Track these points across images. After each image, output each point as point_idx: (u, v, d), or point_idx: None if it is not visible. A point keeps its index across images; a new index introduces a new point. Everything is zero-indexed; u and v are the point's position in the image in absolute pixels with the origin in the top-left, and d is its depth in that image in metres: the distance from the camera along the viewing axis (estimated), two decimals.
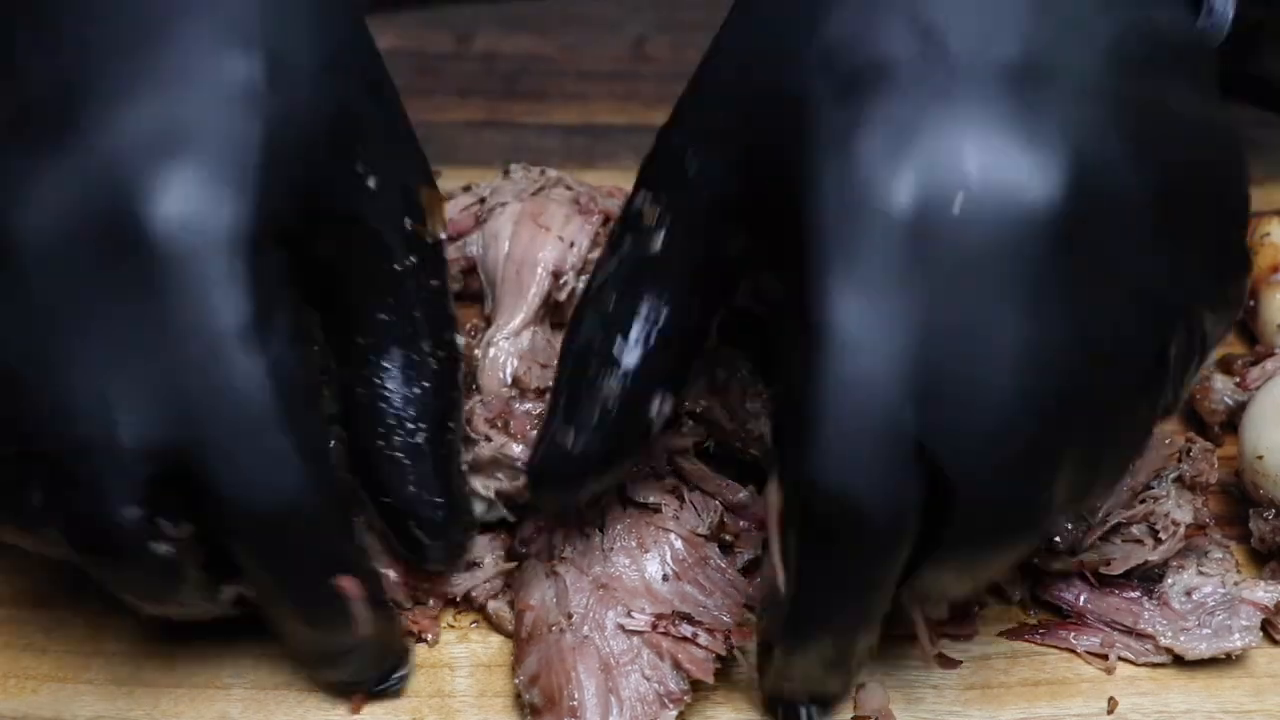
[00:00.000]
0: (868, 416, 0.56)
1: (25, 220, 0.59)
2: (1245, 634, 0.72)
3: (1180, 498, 0.74)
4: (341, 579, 0.64)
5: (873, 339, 0.56)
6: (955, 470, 0.56)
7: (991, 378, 0.56)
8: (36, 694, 0.72)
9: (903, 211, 0.56)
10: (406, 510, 0.70)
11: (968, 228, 0.55)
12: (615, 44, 1.11)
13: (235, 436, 0.59)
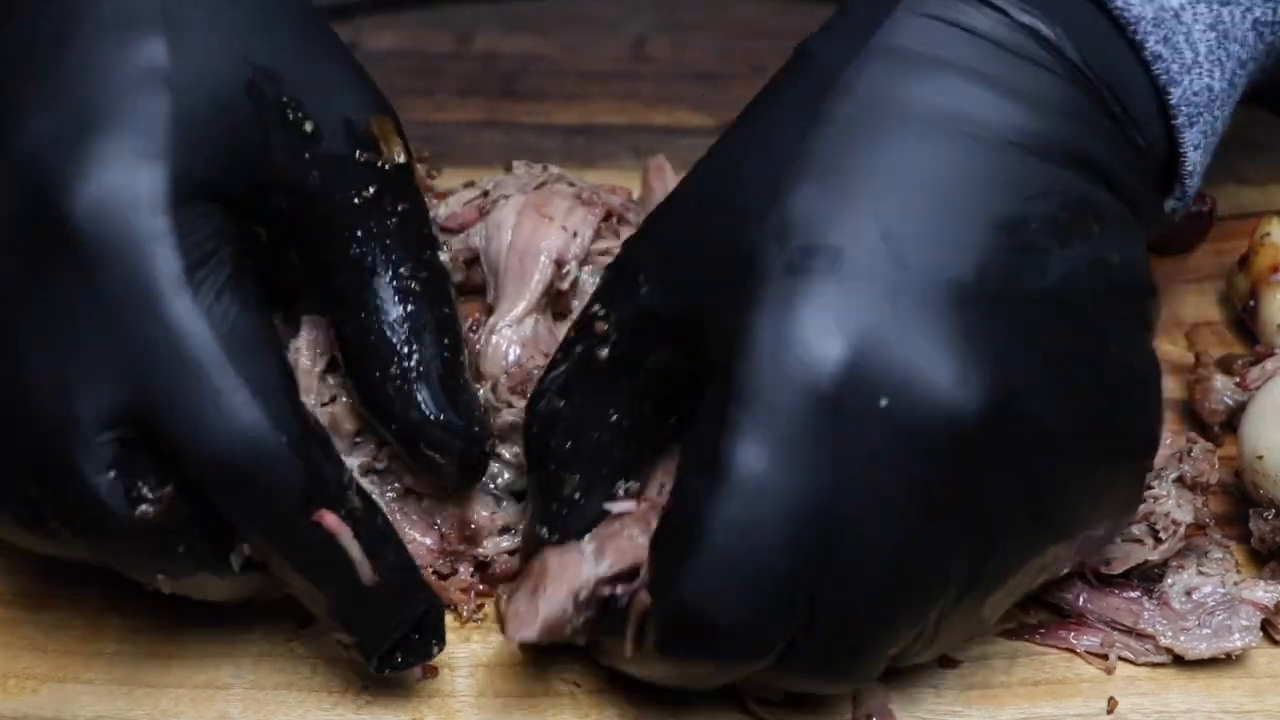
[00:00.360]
0: (749, 556, 0.59)
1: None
2: (1245, 634, 0.72)
3: (1180, 498, 0.74)
4: (322, 514, 0.64)
5: (774, 489, 0.58)
6: (816, 624, 0.60)
7: (864, 569, 0.59)
8: (36, 694, 0.72)
9: (829, 386, 0.58)
10: (416, 434, 0.70)
11: (885, 423, 0.58)
12: (615, 44, 1.11)
13: (182, 387, 0.61)
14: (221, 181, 0.65)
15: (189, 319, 0.62)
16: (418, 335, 0.70)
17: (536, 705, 0.72)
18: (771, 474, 0.58)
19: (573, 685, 0.72)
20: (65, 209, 0.62)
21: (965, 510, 0.60)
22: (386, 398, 0.70)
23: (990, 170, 0.61)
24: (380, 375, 0.70)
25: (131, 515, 0.63)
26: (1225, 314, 0.91)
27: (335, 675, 0.73)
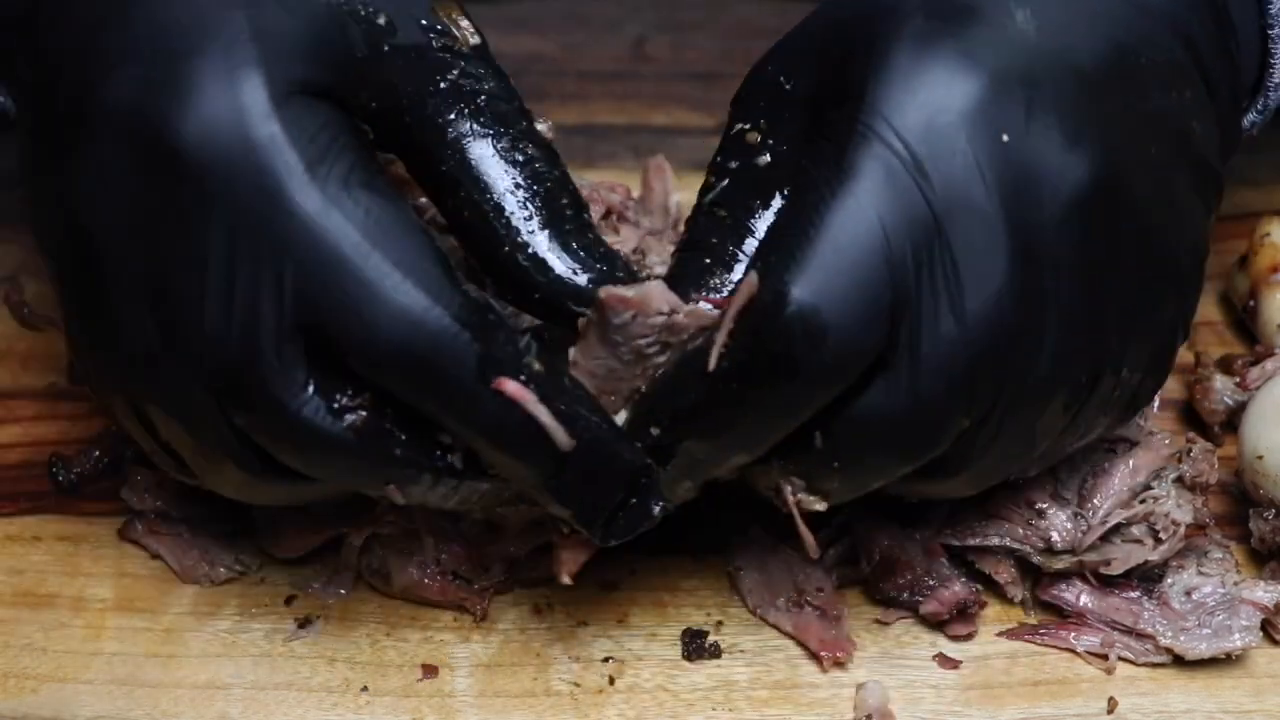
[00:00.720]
0: (861, 258, 0.61)
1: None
2: (1245, 634, 0.72)
3: (1180, 498, 0.74)
4: (501, 382, 0.62)
5: (890, 200, 0.61)
6: (912, 341, 0.62)
7: (961, 295, 0.62)
8: (36, 694, 0.72)
9: (955, 115, 0.62)
10: (561, 295, 0.67)
11: (1000, 159, 0.62)
12: (615, 44, 1.11)
13: (334, 285, 0.61)
14: (316, 79, 0.65)
15: (324, 216, 0.61)
16: (537, 200, 0.68)
17: (536, 705, 0.72)
18: (891, 185, 0.61)
19: (573, 685, 0.72)
20: (177, 145, 0.62)
21: (1067, 268, 0.63)
22: (522, 270, 0.67)
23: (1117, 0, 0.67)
24: (510, 248, 0.67)
25: (341, 427, 0.63)
26: (1225, 314, 0.91)
27: (335, 675, 0.73)
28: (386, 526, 0.74)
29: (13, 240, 0.95)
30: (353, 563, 0.75)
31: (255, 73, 0.63)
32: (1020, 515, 0.74)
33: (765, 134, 0.69)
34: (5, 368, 0.88)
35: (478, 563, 0.75)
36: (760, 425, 0.64)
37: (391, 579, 0.75)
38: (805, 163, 0.65)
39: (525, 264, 0.67)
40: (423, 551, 0.74)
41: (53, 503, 0.80)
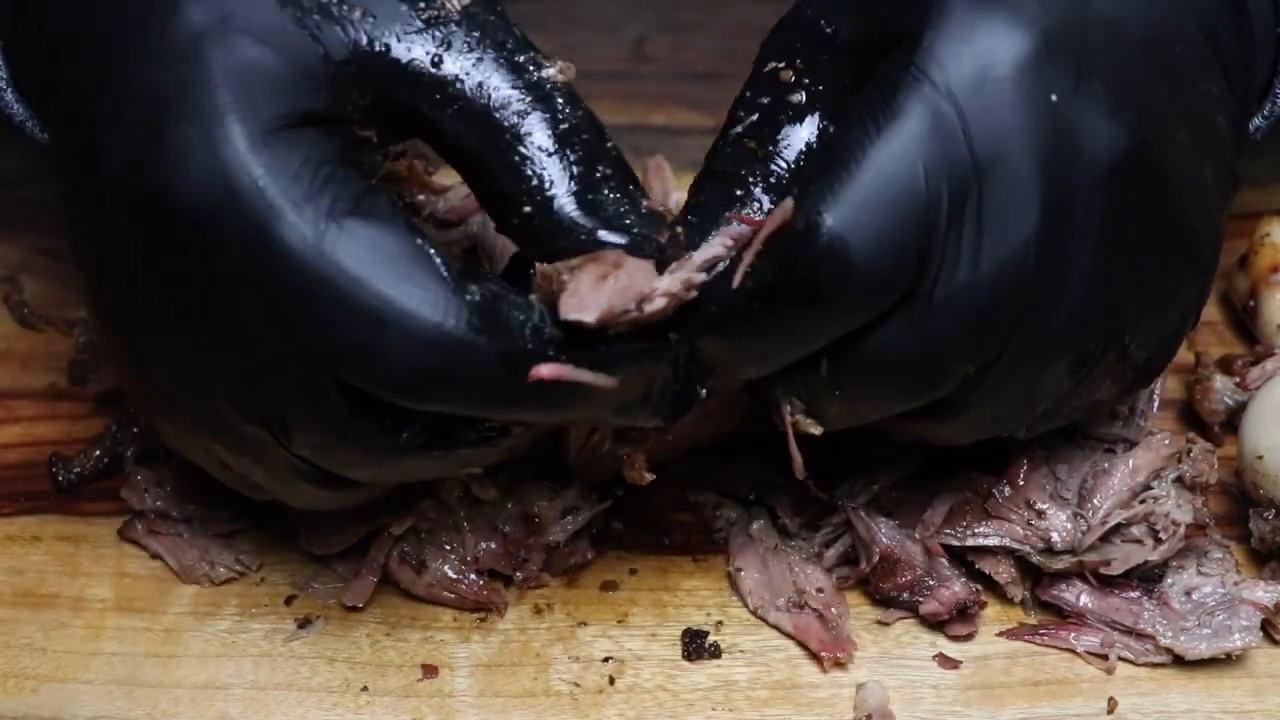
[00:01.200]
0: (897, 194, 0.62)
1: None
2: (1245, 634, 0.72)
3: (1180, 498, 0.74)
4: (536, 372, 0.62)
5: (933, 142, 0.62)
6: (936, 283, 0.63)
7: (992, 237, 0.63)
8: (36, 694, 0.72)
9: (1007, 67, 0.63)
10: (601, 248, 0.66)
11: (1046, 117, 0.63)
12: (615, 44, 1.11)
13: (339, 322, 0.61)
14: (296, 109, 0.63)
15: (315, 255, 0.61)
16: (566, 157, 0.66)
17: (536, 705, 0.72)
18: (936, 130, 0.62)
19: (573, 685, 0.72)
20: (173, 207, 0.62)
21: (1094, 234, 0.64)
22: (567, 233, 0.65)
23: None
24: (542, 213, 0.65)
25: (400, 441, 0.64)
26: (1225, 314, 0.91)
27: (335, 675, 0.73)
28: (427, 522, 0.75)
29: (13, 240, 0.95)
30: (381, 557, 0.75)
31: (231, 121, 0.62)
32: (1020, 515, 0.74)
33: (800, 73, 0.69)
34: (5, 368, 0.88)
35: (514, 557, 0.75)
36: (774, 346, 0.65)
37: (424, 571, 0.75)
38: (851, 100, 0.66)
39: (570, 227, 0.65)
40: (461, 546, 0.74)
41: (53, 503, 0.80)
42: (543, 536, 0.75)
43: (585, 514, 0.76)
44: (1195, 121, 0.68)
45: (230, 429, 0.66)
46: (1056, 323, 0.65)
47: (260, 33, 0.64)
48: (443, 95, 0.66)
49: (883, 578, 0.75)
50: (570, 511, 0.76)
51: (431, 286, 0.62)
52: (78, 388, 0.86)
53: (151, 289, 0.65)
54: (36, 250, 0.95)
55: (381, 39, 0.66)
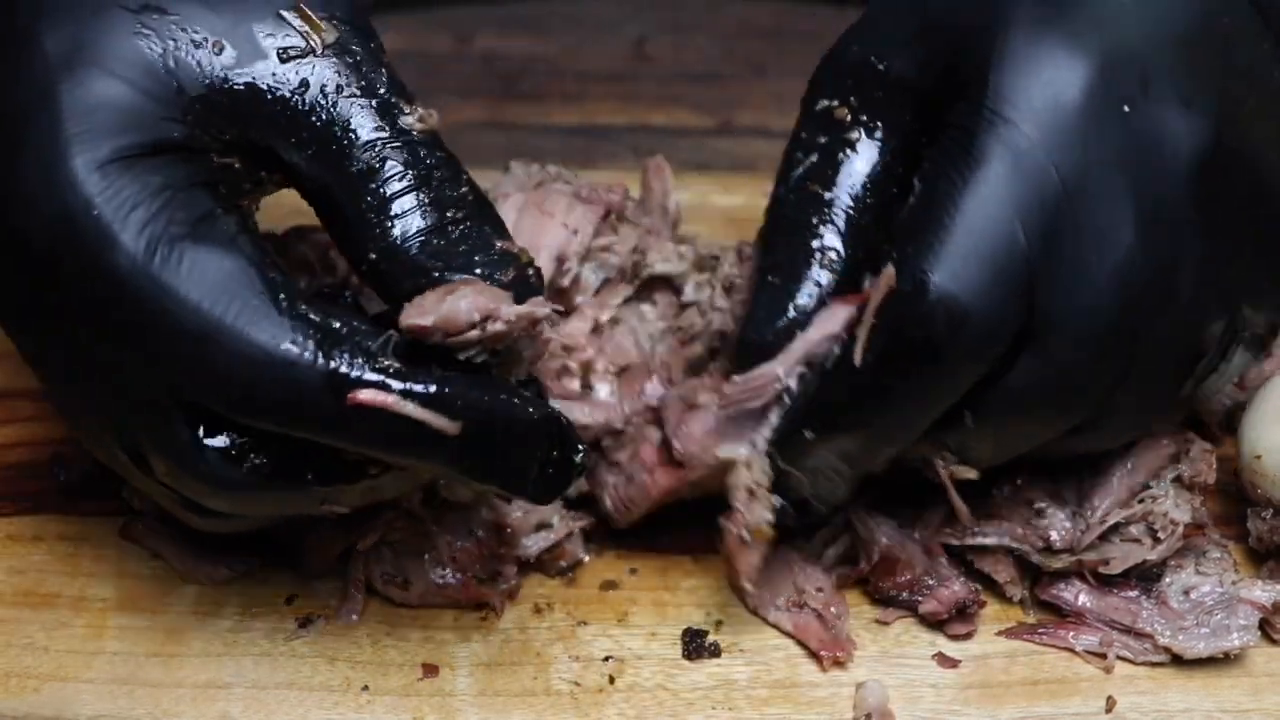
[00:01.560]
0: (994, 240, 0.64)
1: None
2: (1243, 633, 0.72)
3: (1179, 498, 0.74)
4: (353, 396, 0.61)
5: (1019, 182, 0.64)
6: (1055, 315, 0.65)
7: (1097, 264, 0.65)
8: (38, 693, 0.72)
9: (1077, 93, 0.65)
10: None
11: (1124, 129, 0.65)
12: (615, 44, 1.11)
13: (172, 345, 0.62)
14: (141, 141, 0.63)
15: (145, 280, 0.61)
16: (416, 194, 0.65)
17: (536, 704, 0.72)
18: (1019, 168, 0.64)
19: (573, 684, 0.73)
20: (23, 236, 0.63)
21: (1192, 227, 0.66)
22: (406, 269, 0.65)
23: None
24: (387, 248, 0.65)
25: (243, 472, 0.64)
26: None
27: (335, 675, 0.73)
28: (395, 533, 0.74)
29: None
30: (361, 574, 0.75)
31: (72, 154, 0.62)
32: (1020, 515, 0.74)
33: (855, 110, 0.71)
34: (5, 368, 0.88)
35: (488, 562, 0.75)
36: (908, 413, 0.67)
37: (410, 586, 0.75)
38: (933, 152, 0.67)
39: (403, 271, 0.65)
40: (437, 552, 0.74)
41: (54, 502, 0.81)
42: (513, 549, 0.75)
43: (559, 529, 0.76)
44: (1258, 84, 0.69)
45: (114, 456, 0.67)
46: (1176, 318, 0.67)
47: (112, 65, 0.64)
48: (298, 137, 0.66)
49: (882, 577, 0.75)
50: (544, 526, 0.76)
51: (261, 307, 0.62)
52: None
53: (17, 318, 0.66)
54: None
55: (238, 75, 0.65)
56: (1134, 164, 0.65)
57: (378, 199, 0.65)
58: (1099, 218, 0.64)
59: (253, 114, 0.66)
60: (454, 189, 0.67)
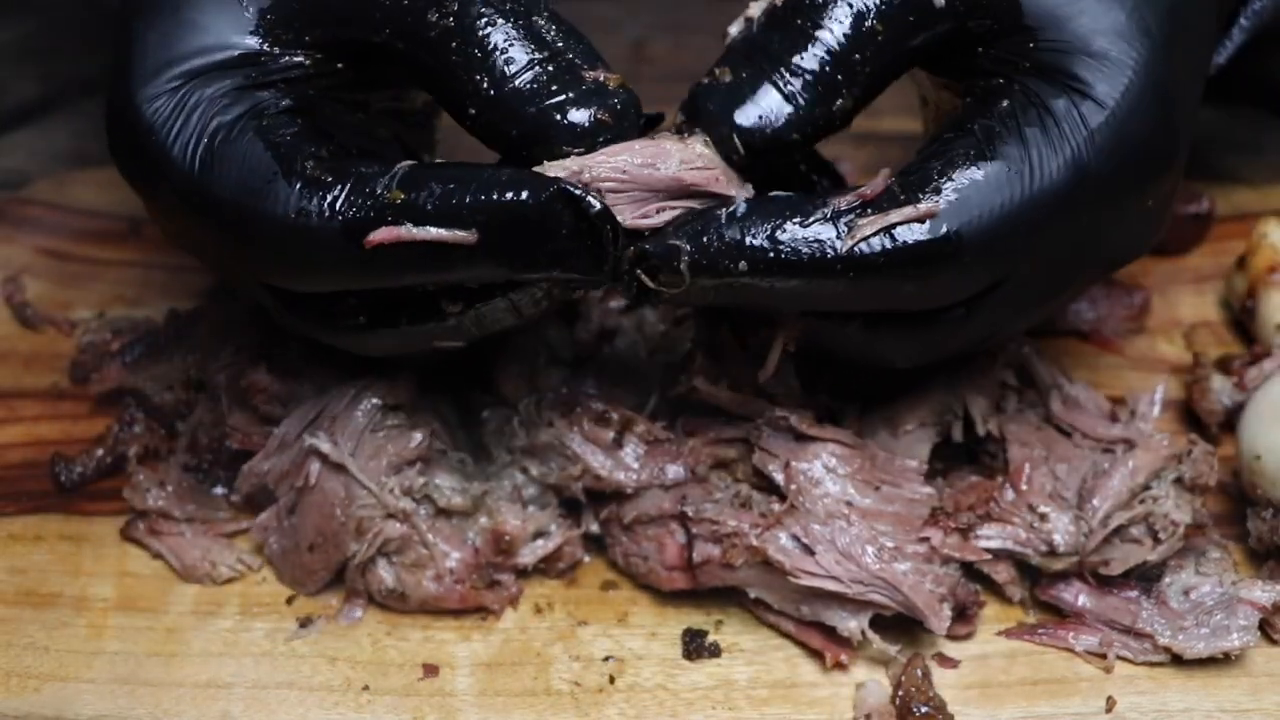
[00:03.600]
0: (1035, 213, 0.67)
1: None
2: (1243, 633, 0.72)
3: (1179, 498, 0.74)
4: (368, 240, 0.64)
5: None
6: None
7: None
8: (39, 693, 0.72)
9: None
10: (538, 133, 0.67)
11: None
12: (615, 44, 1.11)
13: (224, 232, 0.69)
14: (216, 55, 0.70)
15: (198, 190, 0.68)
16: (489, 45, 0.67)
17: (537, 704, 0.72)
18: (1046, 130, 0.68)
19: (573, 684, 0.73)
20: (119, 149, 0.72)
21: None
22: (507, 117, 0.67)
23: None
24: (485, 101, 0.67)
25: (342, 324, 0.70)
26: (1223, 314, 0.91)
27: (336, 675, 0.73)
28: (392, 543, 0.75)
29: (14, 240, 0.96)
30: (360, 586, 0.75)
31: (135, 85, 0.70)
32: (1023, 518, 0.74)
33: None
34: (8, 368, 0.88)
35: (485, 572, 0.75)
36: (861, 305, 0.69)
37: (408, 596, 0.75)
38: (992, 102, 0.69)
39: (506, 120, 0.67)
40: (434, 564, 0.75)
41: (55, 502, 0.81)
42: (512, 557, 0.75)
43: (556, 538, 0.76)
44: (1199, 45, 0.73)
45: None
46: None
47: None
48: (372, 18, 0.69)
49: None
50: (541, 535, 0.76)
51: (277, 183, 0.67)
52: (79, 388, 0.86)
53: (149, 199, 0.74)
54: (38, 250, 0.95)
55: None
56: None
57: (462, 55, 0.68)
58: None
59: (325, 8, 0.70)
60: (531, 24, 0.68)
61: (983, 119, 0.68)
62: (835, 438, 0.75)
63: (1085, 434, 0.77)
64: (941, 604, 0.72)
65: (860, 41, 0.68)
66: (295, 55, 0.70)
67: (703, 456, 0.76)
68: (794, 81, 0.68)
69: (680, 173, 0.66)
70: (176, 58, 0.70)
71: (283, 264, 0.68)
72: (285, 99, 0.69)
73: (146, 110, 0.70)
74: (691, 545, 0.74)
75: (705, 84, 0.69)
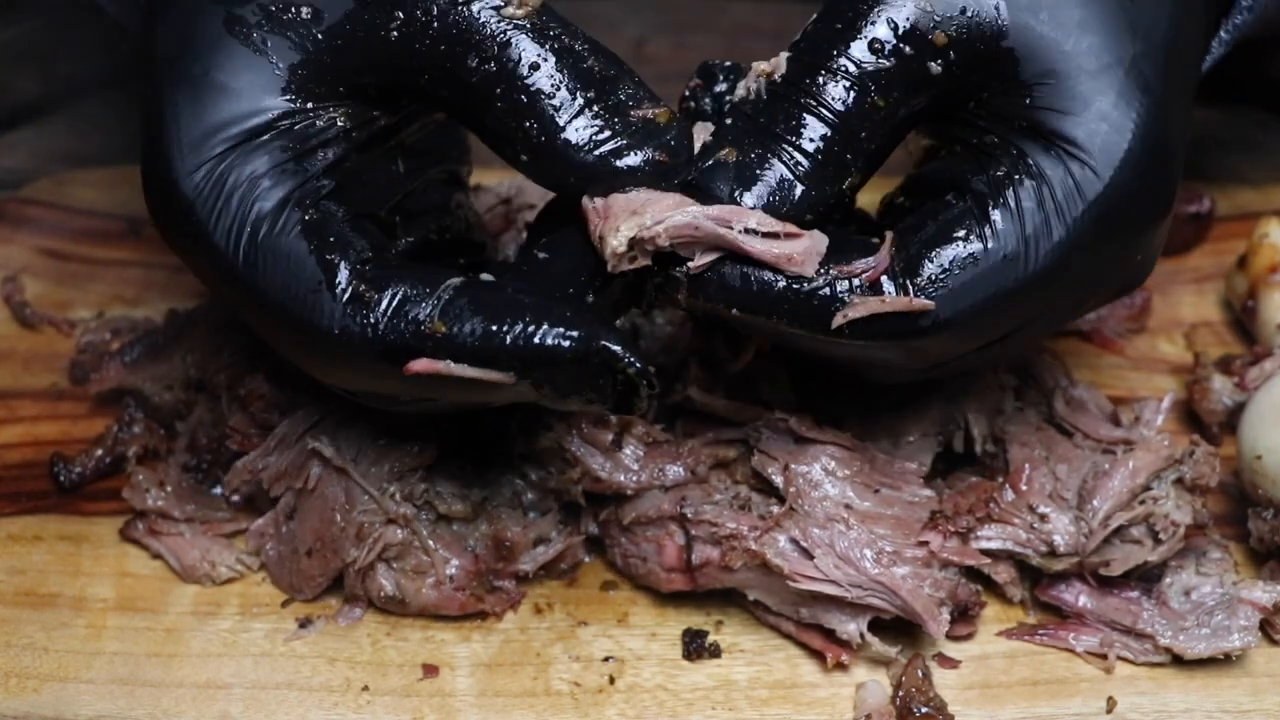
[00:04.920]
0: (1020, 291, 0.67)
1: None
2: (1244, 634, 0.72)
3: (1179, 499, 0.74)
4: (408, 368, 0.65)
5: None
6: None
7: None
8: (38, 693, 0.72)
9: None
10: (588, 179, 0.67)
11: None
12: (615, 44, 1.10)
13: (270, 334, 0.70)
14: (248, 122, 0.68)
15: (232, 277, 0.68)
16: (538, 91, 0.67)
17: (537, 705, 0.72)
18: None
19: (573, 685, 0.73)
20: (160, 222, 0.71)
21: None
22: (559, 163, 0.67)
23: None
24: (535, 148, 0.67)
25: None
26: (1224, 314, 0.91)
27: (335, 675, 0.73)
28: (392, 549, 0.74)
29: (14, 240, 0.96)
30: (360, 592, 0.75)
31: (174, 160, 0.68)
32: (1023, 519, 0.74)
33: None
34: (7, 368, 0.88)
35: (486, 579, 0.75)
36: (837, 360, 0.71)
37: (408, 603, 0.75)
38: (989, 171, 0.68)
39: (557, 165, 0.67)
40: (434, 570, 0.74)
41: (54, 502, 0.81)
42: (513, 563, 0.75)
43: (558, 544, 0.76)
44: (1193, 77, 0.72)
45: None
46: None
47: (208, 66, 0.68)
48: (409, 65, 0.68)
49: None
50: (543, 541, 0.76)
51: (320, 296, 0.66)
52: (79, 388, 0.86)
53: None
54: (38, 250, 0.95)
55: (332, 30, 0.68)
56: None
57: (508, 103, 0.67)
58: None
59: (360, 60, 0.68)
60: (574, 62, 0.68)
61: (980, 186, 0.67)
62: (834, 440, 0.75)
63: (1087, 434, 0.77)
64: (940, 608, 0.72)
65: (863, 117, 0.67)
66: (330, 110, 0.69)
67: (702, 457, 0.76)
68: (804, 163, 0.67)
69: (746, 240, 0.66)
70: (211, 128, 0.68)
71: (326, 367, 0.69)
72: (325, 178, 0.68)
73: (186, 187, 0.68)
74: (690, 547, 0.74)
75: (711, 165, 0.67)
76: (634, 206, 0.65)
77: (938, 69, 0.67)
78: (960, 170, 0.69)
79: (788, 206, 0.66)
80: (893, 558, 0.72)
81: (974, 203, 0.67)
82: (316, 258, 0.67)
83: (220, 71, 0.68)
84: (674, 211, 0.65)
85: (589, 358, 0.64)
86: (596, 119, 0.67)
